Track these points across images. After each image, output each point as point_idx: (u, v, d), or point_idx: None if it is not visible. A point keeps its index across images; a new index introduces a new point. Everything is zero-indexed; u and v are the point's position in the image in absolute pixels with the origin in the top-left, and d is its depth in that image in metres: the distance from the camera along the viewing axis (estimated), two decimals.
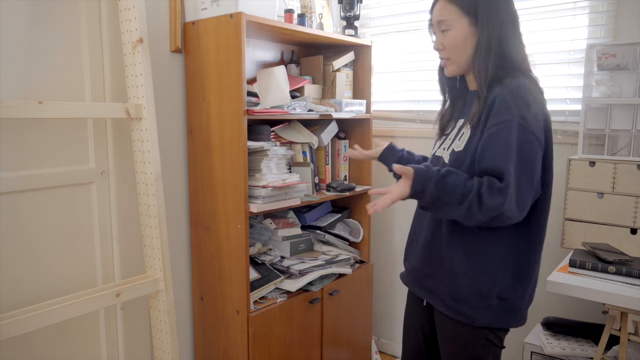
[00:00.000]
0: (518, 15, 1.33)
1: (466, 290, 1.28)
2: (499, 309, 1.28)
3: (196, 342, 2.06)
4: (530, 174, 1.18)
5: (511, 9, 1.31)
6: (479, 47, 1.27)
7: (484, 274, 1.27)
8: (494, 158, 1.17)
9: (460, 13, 1.27)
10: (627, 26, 1.94)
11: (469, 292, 1.28)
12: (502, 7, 1.29)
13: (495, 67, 1.26)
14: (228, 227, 1.82)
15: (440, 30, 1.31)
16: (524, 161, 1.17)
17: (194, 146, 1.92)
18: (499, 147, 1.17)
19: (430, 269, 1.36)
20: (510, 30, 1.29)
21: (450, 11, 1.28)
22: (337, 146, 2.35)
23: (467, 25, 1.27)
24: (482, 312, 1.28)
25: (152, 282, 1.62)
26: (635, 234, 1.76)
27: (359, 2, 2.35)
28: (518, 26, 1.32)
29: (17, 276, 1.50)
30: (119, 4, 1.61)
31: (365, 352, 2.46)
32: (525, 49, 1.32)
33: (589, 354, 1.84)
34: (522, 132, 1.16)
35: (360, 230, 2.41)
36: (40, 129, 1.53)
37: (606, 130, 1.88)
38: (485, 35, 1.26)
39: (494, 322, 1.28)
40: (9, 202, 1.47)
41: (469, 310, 1.28)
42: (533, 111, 1.18)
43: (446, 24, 1.30)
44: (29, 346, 1.54)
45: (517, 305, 1.29)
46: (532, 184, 1.19)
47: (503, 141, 1.17)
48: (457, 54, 1.31)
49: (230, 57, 1.72)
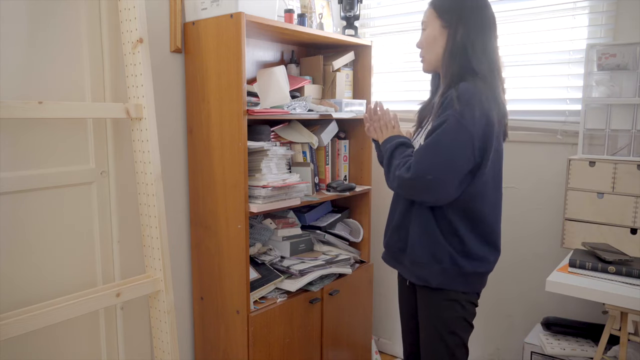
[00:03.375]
0: (494, 20, 1.43)
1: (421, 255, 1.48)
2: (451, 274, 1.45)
3: (196, 342, 2.06)
4: (450, 164, 1.33)
5: (485, 14, 1.41)
6: (446, 49, 1.41)
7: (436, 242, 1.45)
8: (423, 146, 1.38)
9: (435, 15, 1.43)
10: (627, 26, 1.94)
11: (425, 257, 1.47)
12: (476, 12, 1.39)
13: (459, 69, 1.38)
14: (228, 227, 1.82)
15: (422, 29, 1.49)
16: (445, 152, 1.32)
17: (194, 146, 1.92)
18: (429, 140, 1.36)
19: (399, 242, 1.54)
20: (480, 36, 1.38)
21: (429, 13, 1.46)
22: (337, 146, 2.35)
23: (439, 27, 1.43)
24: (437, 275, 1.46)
25: (152, 282, 1.62)
26: (635, 234, 1.76)
27: (359, 2, 2.35)
28: (490, 32, 1.41)
29: (17, 276, 1.50)
30: (119, 4, 1.61)
31: (365, 352, 2.46)
32: (495, 54, 1.42)
33: (589, 354, 1.84)
34: (457, 125, 1.31)
35: (360, 230, 2.41)
36: (40, 129, 1.53)
37: (606, 130, 1.88)
38: (452, 38, 1.39)
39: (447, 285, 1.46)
40: (9, 202, 1.47)
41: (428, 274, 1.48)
42: (474, 112, 1.30)
43: (425, 24, 1.48)
44: (29, 346, 1.54)
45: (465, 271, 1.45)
46: (452, 170, 1.33)
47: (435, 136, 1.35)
48: (429, 52, 1.47)
49: (230, 57, 1.72)
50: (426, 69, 1.52)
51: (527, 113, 2.20)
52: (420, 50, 1.51)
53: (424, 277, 1.47)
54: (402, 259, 1.54)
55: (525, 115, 2.20)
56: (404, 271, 1.57)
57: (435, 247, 1.44)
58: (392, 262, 1.61)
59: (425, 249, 1.45)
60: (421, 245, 1.46)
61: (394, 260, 1.60)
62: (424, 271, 1.46)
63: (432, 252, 1.44)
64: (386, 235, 1.62)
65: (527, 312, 2.27)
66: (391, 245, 1.58)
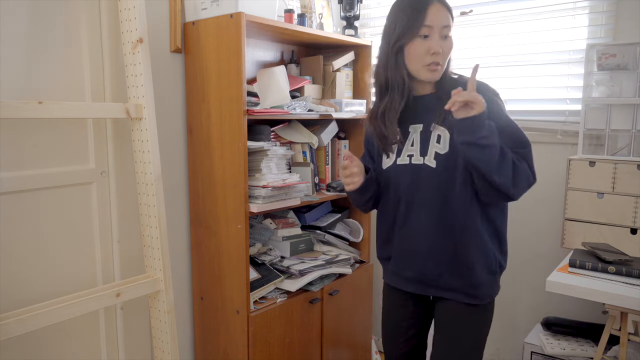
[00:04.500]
0: None
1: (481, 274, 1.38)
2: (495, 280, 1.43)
3: (196, 342, 2.06)
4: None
5: None
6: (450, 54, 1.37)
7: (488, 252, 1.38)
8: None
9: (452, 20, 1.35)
10: (627, 26, 1.94)
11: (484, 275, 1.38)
12: None
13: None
14: (228, 227, 1.82)
15: (442, 36, 1.32)
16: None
17: (194, 146, 1.92)
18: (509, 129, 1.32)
19: (444, 268, 1.39)
20: None
21: (450, 19, 1.34)
22: (337, 146, 2.35)
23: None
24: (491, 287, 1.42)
25: (152, 282, 1.62)
26: (635, 234, 1.76)
27: (359, 2, 2.35)
28: None
29: (17, 276, 1.50)
30: (119, 4, 1.61)
31: (365, 352, 2.46)
32: None
33: (589, 354, 1.84)
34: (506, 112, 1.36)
35: (360, 230, 2.41)
36: (40, 129, 1.53)
37: (606, 130, 1.88)
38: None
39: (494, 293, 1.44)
40: (9, 202, 1.47)
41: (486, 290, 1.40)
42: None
43: (448, 30, 1.33)
44: (29, 346, 1.54)
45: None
46: None
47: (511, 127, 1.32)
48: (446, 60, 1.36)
49: (230, 57, 1.72)
50: (438, 77, 1.36)
51: (527, 113, 2.20)
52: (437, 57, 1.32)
53: (480, 295, 1.39)
54: (444, 283, 1.40)
55: (525, 115, 2.20)
56: (441, 294, 1.42)
57: (488, 257, 1.37)
58: (421, 288, 1.46)
59: (483, 265, 1.36)
60: (480, 263, 1.36)
61: (424, 286, 1.45)
62: (482, 289, 1.38)
63: (488, 266, 1.37)
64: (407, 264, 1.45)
65: (527, 312, 2.27)
66: (426, 274, 1.41)
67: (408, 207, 1.41)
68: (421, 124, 1.39)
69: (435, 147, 1.36)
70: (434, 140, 1.36)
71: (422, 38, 1.31)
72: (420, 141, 1.38)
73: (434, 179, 1.36)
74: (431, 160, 1.36)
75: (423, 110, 1.39)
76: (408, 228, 1.42)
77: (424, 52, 1.31)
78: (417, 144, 1.39)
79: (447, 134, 1.34)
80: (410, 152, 1.40)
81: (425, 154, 1.37)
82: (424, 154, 1.37)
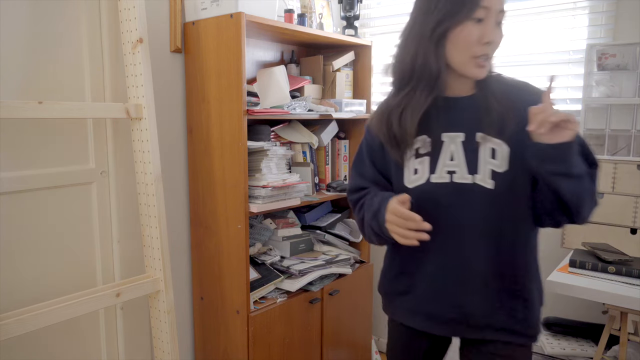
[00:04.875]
0: None
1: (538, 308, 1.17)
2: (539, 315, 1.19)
3: (196, 342, 2.06)
4: None
5: None
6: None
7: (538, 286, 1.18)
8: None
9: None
10: (627, 26, 1.94)
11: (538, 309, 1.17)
12: None
13: None
14: (228, 227, 1.82)
15: (497, 22, 1.06)
16: None
17: (194, 146, 1.92)
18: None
19: (496, 304, 1.13)
20: None
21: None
22: (337, 146, 2.35)
23: None
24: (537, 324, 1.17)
25: (152, 282, 1.62)
26: (635, 234, 1.76)
27: (359, 2, 2.35)
28: None
29: (17, 276, 1.50)
30: (119, 4, 1.61)
31: (365, 352, 2.46)
32: None
33: (589, 354, 1.84)
34: None
35: None
36: (40, 129, 1.53)
37: (606, 130, 1.88)
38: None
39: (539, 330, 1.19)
40: (9, 202, 1.47)
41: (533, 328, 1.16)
42: None
43: (503, 16, 1.06)
44: (29, 346, 1.54)
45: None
46: None
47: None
48: (494, 51, 1.11)
49: (230, 57, 1.72)
50: (485, 75, 1.10)
51: None
52: (487, 47, 1.06)
53: (535, 334, 1.16)
54: (495, 321, 1.13)
55: None
56: (483, 335, 1.14)
57: (540, 289, 1.17)
58: (460, 329, 1.16)
59: (538, 298, 1.15)
60: (536, 296, 1.15)
61: (463, 327, 1.15)
62: (538, 326, 1.16)
63: (540, 298, 1.16)
64: (444, 299, 1.15)
65: None
66: (473, 312, 1.13)
67: (448, 234, 1.11)
68: (462, 133, 1.10)
69: (489, 163, 1.07)
70: (487, 155, 1.08)
71: (476, 22, 1.03)
72: (464, 155, 1.09)
73: (490, 202, 1.08)
74: (486, 180, 1.07)
75: (462, 115, 1.11)
76: (450, 258, 1.13)
77: (476, 40, 1.04)
78: (461, 158, 1.09)
79: (504, 148, 1.07)
80: (451, 167, 1.10)
81: (476, 171, 1.08)
82: (473, 172, 1.08)
